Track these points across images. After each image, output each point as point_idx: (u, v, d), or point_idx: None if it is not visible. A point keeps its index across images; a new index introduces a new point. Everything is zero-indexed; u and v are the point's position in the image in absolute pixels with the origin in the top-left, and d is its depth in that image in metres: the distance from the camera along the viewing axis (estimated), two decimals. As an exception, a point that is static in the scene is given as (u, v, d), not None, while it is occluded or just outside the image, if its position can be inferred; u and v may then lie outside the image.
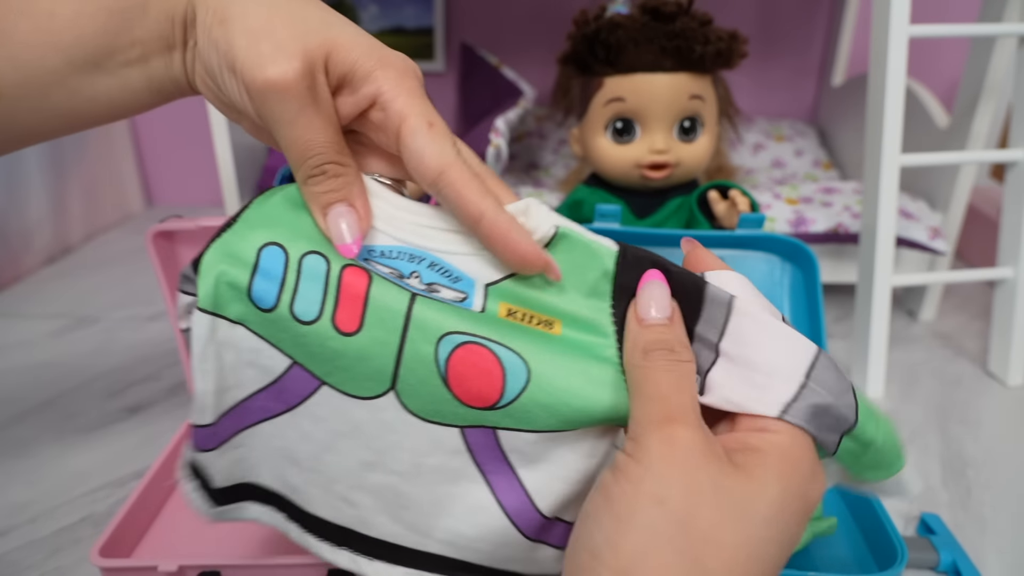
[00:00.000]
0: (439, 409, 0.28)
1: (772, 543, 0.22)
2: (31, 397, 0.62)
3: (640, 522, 0.21)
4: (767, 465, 0.23)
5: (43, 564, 0.44)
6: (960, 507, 0.50)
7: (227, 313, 0.29)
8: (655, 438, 0.23)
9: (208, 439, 0.32)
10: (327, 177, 0.28)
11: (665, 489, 0.22)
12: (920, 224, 0.72)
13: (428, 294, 0.28)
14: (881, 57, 0.58)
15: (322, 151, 0.28)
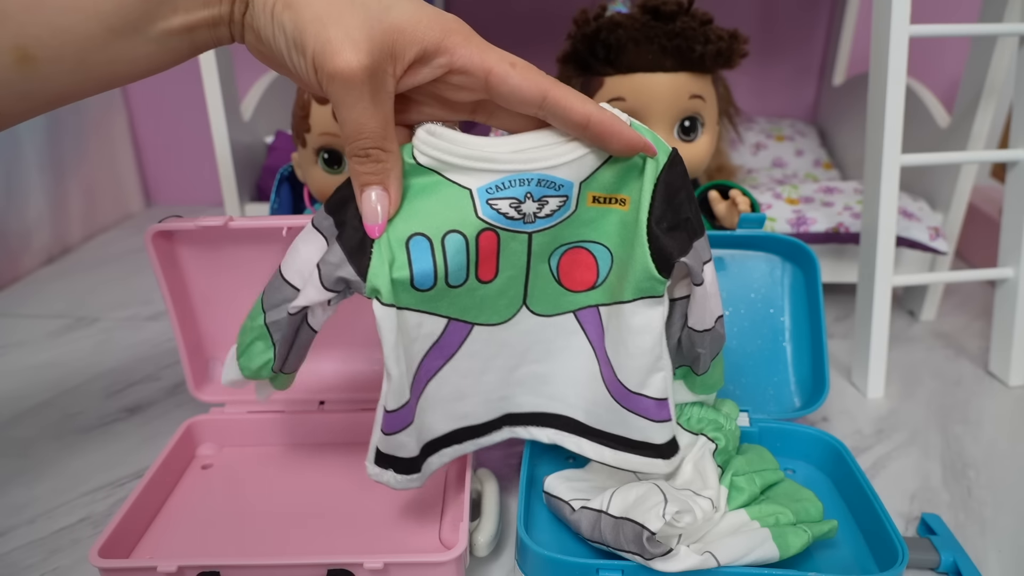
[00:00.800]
0: (557, 302, 0.39)
1: None
2: (30, 397, 0.62)
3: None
4: None
5: (42, 564, 0.44)
6: (961, 507, 0.50)
7: (400, 302, 0.36)
8: None
9: (407, 415, 0.38)
10: (370, 160, 0.32)
11: None
12: (921, 224, 0.71)
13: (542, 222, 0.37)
14: (882, 56, 0.58)
15: (371, 136, 0.32)
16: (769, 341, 0.57)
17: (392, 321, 0.35)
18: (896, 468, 0.54)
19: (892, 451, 0.56)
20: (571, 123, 0.33)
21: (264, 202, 0.82)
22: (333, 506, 0.46)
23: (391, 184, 0.33)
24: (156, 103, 1.15)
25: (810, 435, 0.51)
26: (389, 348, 0.36)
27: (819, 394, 0.54)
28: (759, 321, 0.58)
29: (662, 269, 0.36)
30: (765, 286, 0.58)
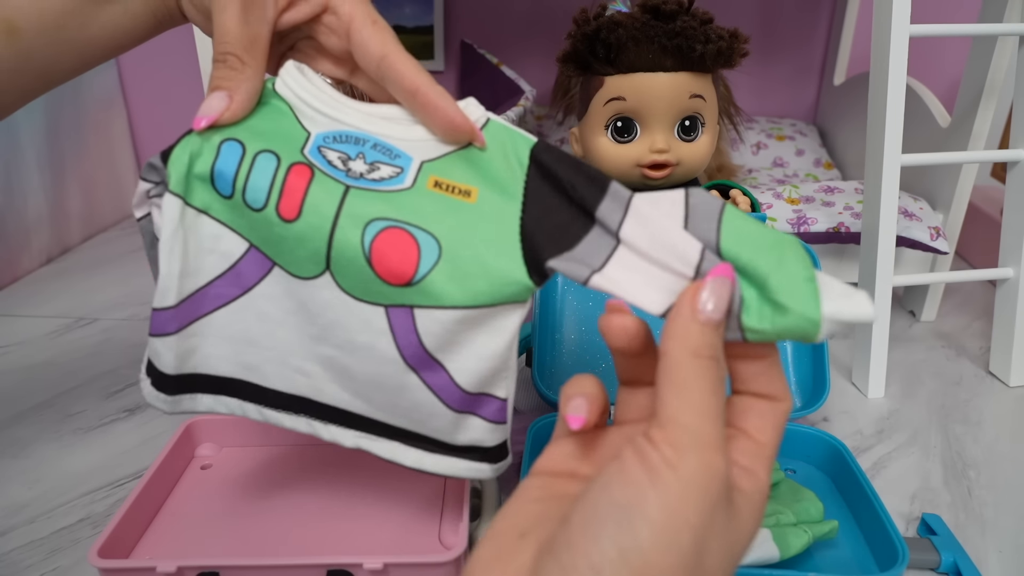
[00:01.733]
0: (367, 288, 0.33)
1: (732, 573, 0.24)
2: (29, 397, 0.62)
3: (674, 543, 0.21)
4: (751, 510, 0.24)
5: (42, 565, 0.44)
6: (961, 508, 0.49)
7: (193, 200, 0.33)
8: (699, 462, 0.22)
9: (168, 323, 0.34)
10: (225, 67, 0.32)
11: (698, 519, 0.22)
12: (921, 224, 0.71)
13: (366, 182, 0.33)
14: (882, 56, 0.58)
15: (231, 42, 0.32)
16: (769, 341, 0.57)
17: (175, 211, 0.33)
18: (896, 468, 0.54)
19: (892, 451, 0.56)
20: (401, 89, 0.33)
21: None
22: (333, 506, 0.45)
23: (237, 91, 0.32)
24: (155, 103, 1.15)
25: (811, 435, 0.51)
26: (166, 238, 0.33)
27: (820, 394, 0.54)
28: (759, 321, 0.58)
29: (534, 273, 0.31)
30: (765, 286, 0.58)
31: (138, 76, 1.12)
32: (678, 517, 0.21)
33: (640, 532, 0.21)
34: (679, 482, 0.22)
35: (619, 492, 0.22)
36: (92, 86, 1.04)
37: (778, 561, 0.39)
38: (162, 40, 0.41)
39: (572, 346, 0.57)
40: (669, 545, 0.21)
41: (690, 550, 0.21)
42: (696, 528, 0.21)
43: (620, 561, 0.21)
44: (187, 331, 0.35)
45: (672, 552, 0.21)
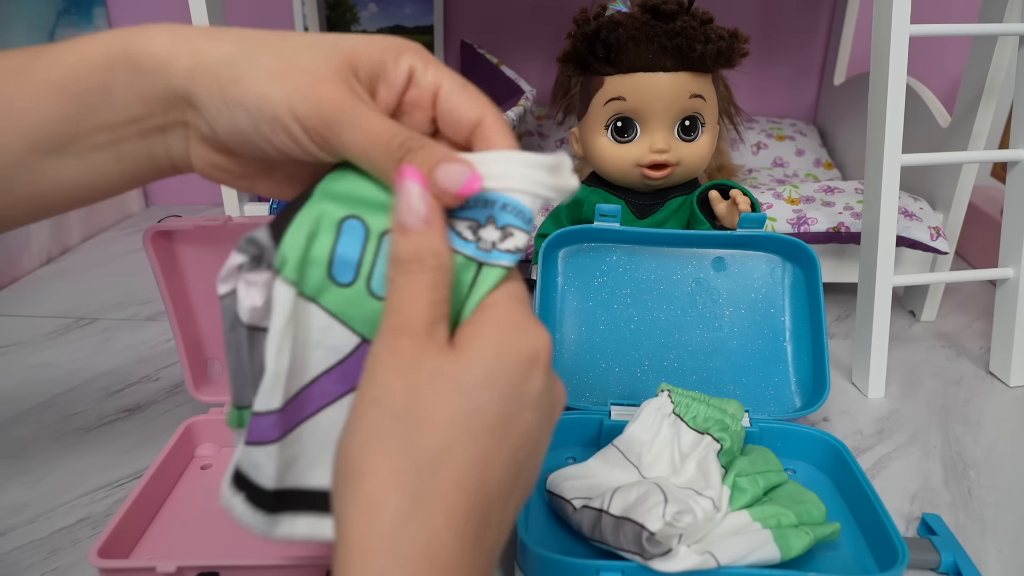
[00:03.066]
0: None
1: (491, 402, 0.24)
2: (29, 397, 0.62)
3: (361, 423, 0.23)
4: (481, 335, 0.25)
5: (42, 565, 0.44)
6: (961, 508, 0.49)
7: (305, 288, 0.28)
8: (382, 348, 0.25)
9: (271, 429, 0.29)
10: (415, 151, 0.28)
11: (383, 391, 0.24)
12: (921, 224, 0.71)
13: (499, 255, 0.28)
14: (882, 56, 0.58)
15: (395, 130, 0.28)
16: (769, 341, 0.57)
17: (288, 302, 0.28)
18: (897, 468, 0.54)
19: (893, 451, 0.56)
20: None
21: (264, 202, 0.82)
22: (333, 506, 0.45)
23: (455, 154, 0.28)
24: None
25: (811, 435, 0.51)
26: (275, 333, 0.28)
27: (820, 394, 0.54)
28: (759, 321, 0.58)
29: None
30: (766, 286, 0.58)
31: (138, 76, 1.12)
32: (362, 401, 0.24)
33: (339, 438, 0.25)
34: (365, 375, 0.25)
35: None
36: (92, 86, 1.04)
37: (779, 562, 0.39)
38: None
39: (572, 346, 0.57)
40: (356, 428, 0.24)
41: (379, 417, 0.24)
42: (380, 400, 0.24)
43: (337, 455, 0.25)
44: (290, 437, 0.30)
45: (360, 430, 0.24)
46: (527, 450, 0.25)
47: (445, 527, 0.22)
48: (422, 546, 0.21)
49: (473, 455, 0.23)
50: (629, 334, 0.57)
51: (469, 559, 0.22)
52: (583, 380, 0.56)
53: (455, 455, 0.23)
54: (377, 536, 0.21)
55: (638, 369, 0.57)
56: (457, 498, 0.22)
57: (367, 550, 0.21)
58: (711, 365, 0.57)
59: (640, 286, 0.58)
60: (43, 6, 0.94)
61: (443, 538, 0.22)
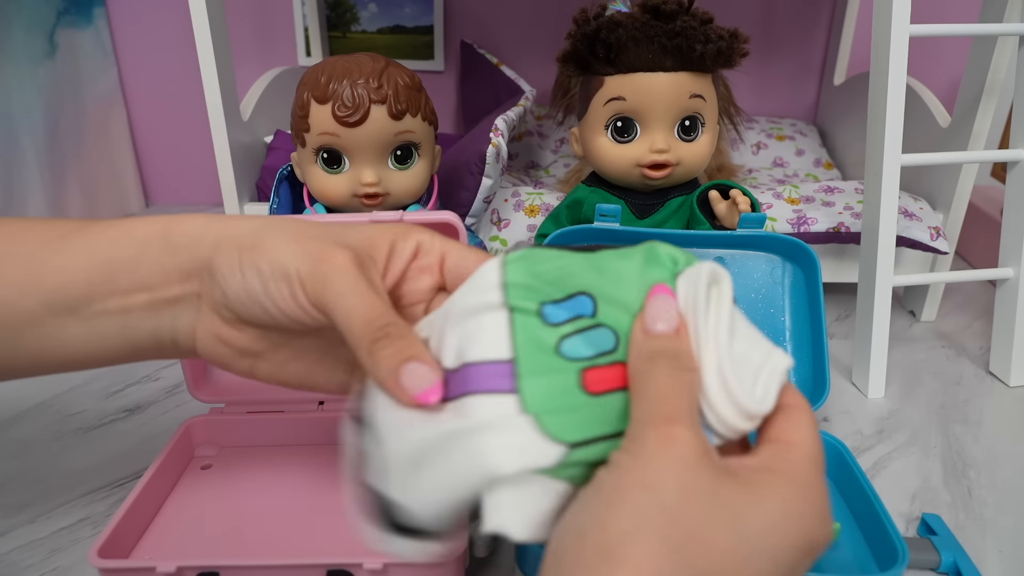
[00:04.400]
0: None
1: (764, 558, 0.21)
2: (29, 397, 0.62)
3: (629, 505, 0.21)
4: (771, 483, 0.23)
5: (42, 565, 0.44)
6: (961, 508, 0.49)
7: (511, 299, 0.28)
8: (653, 435, 0.22)
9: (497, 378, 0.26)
10: (392, 339, 0.27)
11: (657, 479, 0.21)
12: (921, 224, 0.71)
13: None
14: (882, 56, 0.58)
15: (383, 314, 0.28)
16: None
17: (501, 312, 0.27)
18: (896, 468, 0.54)
19: (892, 451, 0.56)
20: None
21: (264, 202, 0.82)
22: (333, 506, 0.45)
23: (423, 355, 0.27)
24: (155, 103, 1.14)
25: (810, 435, 0.51)
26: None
27: (819, 394, 0.54)
28: (759, 321, 0.58)
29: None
30: (765, 286, 0.58)
31: (138, 75, 1.12)
32: (631, 481, 0.21)
33: (593, 507, 0.22)
34: (633, 458, 0.22)
35: (582, 493, 0.23)
36: (92, 86, 1.04)
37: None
38: (161, 38, 0.40)
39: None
40: (627, 508, 0.21)
41: (655, 510, 0.21)
42: (655, 488, 0.21)
43: (578, 543, 0.21)
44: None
45: (631, 514, 0.21)
46: None
47: None
48: None
49: None
50: (629, 334, 0.57)
51: None
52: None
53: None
54: None
55: (638, 369, 0.57)
56: None
57: None
58: (711, 365, 0.57)
59: (640, 286, 0.58)
60: (43, 6, 0.94)
61: None
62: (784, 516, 0.22)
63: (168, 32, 1.08)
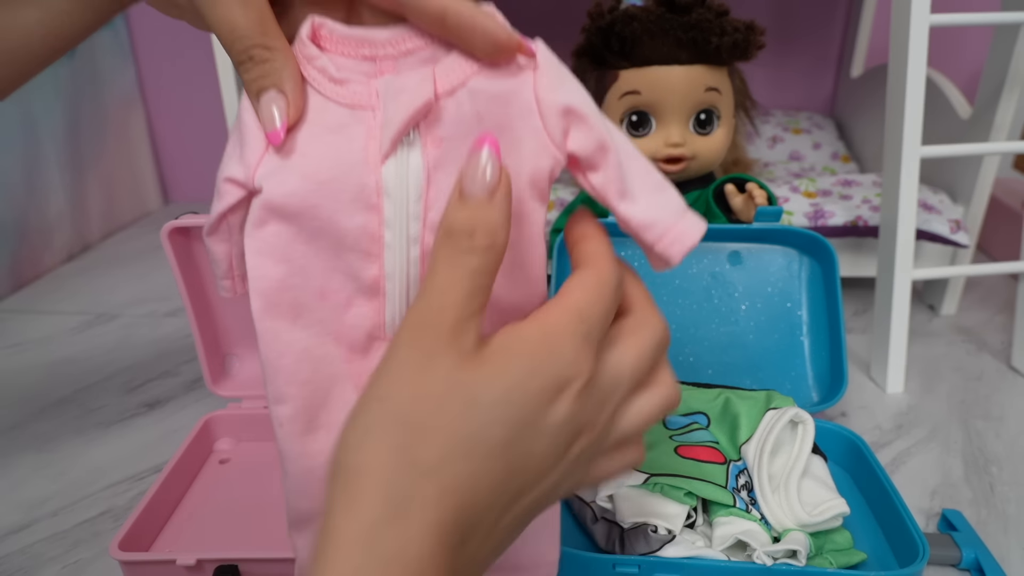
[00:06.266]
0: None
1: (497, 424, 0.23)
2: (52, 392, 0.63)
3: (362, 417, 0.23)
4: (512, 351, 0.24)
5: (64, 557, 0.44)
6: (983, 503, 0.49)
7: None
8: (403, 338, 0.24)
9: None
10: (255, 63, 0.27)
11: (391, 389, 0.23)
12: (941, 217, 0.70)
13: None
14: (901, 47, 0.57)
15: (246, 34, 0.27)
16: (786, 335, 0.57)
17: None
18: (916, 464, 0.53)
19: (912, 446, 0.55)
20: (426, 15, 0.27)
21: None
22: (349, 500, 0.46)
23: (284, 82, 0.27)
24: (173, 101, 1.15)
25: (829, 430, 0.50)
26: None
27: (837, 389, 0.54)
28: (776, 315, 0.57)
29: None
30: (782, 280, 0.58)
31: (156, 74, 1.13)
32: (367, 396, 0.23)
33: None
34: (378, 369, 0.24)
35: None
36: (111, 84, 1.05)
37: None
38: (179, 38, 0.40)
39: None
40: (355, 423, 0.23)
41: (379, 415, 0.23)
42: (385, 398, 0.23)
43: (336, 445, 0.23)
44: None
45: (357, 426, 0.23)
46: (530, 476, 0.24)
47: (421, 536, 0.22)
48: (395, 551, 0.21)
49: (464, 473, 0.23)
50: (644, 329, 0.57)
51: (446, 568, 0.22)
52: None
53: (445, 471, 0.22)
54: (354, 533, 0.22)
55: (654, 364, 0.56)
56: (439, 512, 0.22)
57: (343, 545, 0.22)
58: (727, 360, 0.56)
59: (655, 281, 0.58)
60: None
61: (417, 547, 0.22)
62: (521, 377, 0.23)
63: (186, 32, 1.09)
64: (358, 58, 0.28)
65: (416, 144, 0.27)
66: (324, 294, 0.28)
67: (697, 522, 0.40)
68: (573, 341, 0.24)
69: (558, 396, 0.24)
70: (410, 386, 0.23)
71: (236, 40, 0.28)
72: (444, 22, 0.26)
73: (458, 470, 0.22)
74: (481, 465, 0.23)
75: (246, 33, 0.27)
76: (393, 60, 0.27)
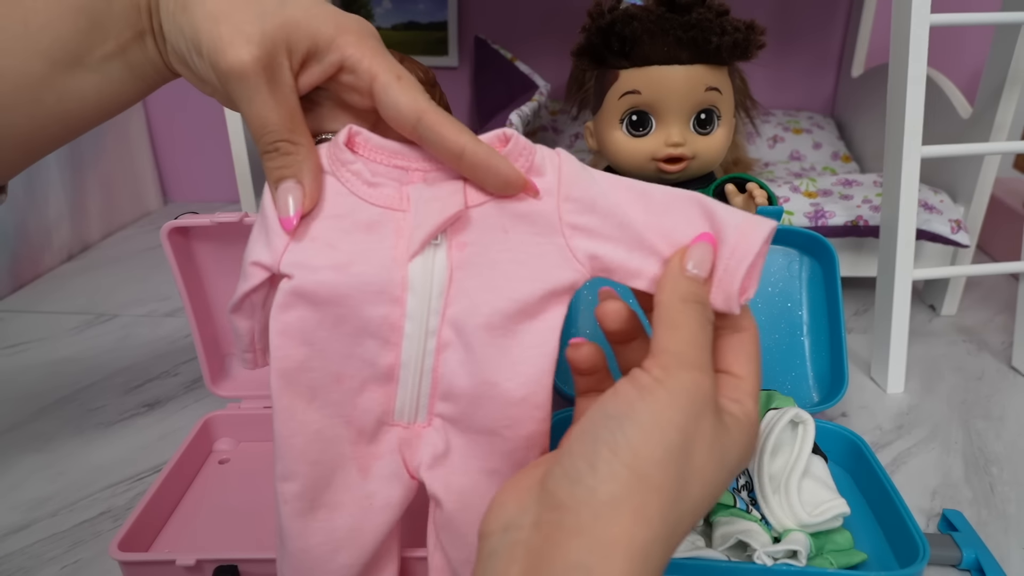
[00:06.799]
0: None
1: (725, 486, 0.27)
2: (51, 392, 0.62)
3: (662, 440, 0.25)
4: (740, 432, 0.27)
5: (64, 557, 0.44)
6: (983, 504, 0.49)
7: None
8: (686, 377, 0.26)
9: None
10: (279, 154, 0.30)
11: (684, 420, 0.25)
12: (942, 216, 0.70)
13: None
14: (902, 47, 0.57)
15: (275, 129, 0.30)
16: (787, 335, 0.57)
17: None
18: (917, 464, 0.53)
19: (913, 447, 0.55)
20: (445, 151, 0.30)
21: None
22: (349, 501, 0.46)
23: (304, 175, 0.30)
24: (173, 101, 1.15)
25: (829, 430, 0.50)
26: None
27: (838, 389, 0.54)
28: (776, 315, 0.57)
29: None
30: (783, 280, 0.58)
31: (155, 75, 1.13)
32: (664, 418, 0.25)
33: (628, 432, 0.24)
34: (667, 392, 0.25)
35: (611, 406, 0.26)
36: (110, 85, 1.05)
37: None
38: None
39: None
40: (657, 441, 0.24)
41: (677, 447, 0.24)
42: (682, 428, 0.25)
43: (611, 457, 0.24)
44: None
45: (659, 447, 0.24)
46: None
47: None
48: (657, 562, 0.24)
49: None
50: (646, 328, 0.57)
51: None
52: (598, 375, 0.56)
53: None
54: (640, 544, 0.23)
55: (654, 364, 0.56)
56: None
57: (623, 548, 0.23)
58: (727, 360, 0.56)
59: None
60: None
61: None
62: (743, 456, 0.27)
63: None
64: (390, 166, 0.31)
65: (443, 246, 0.30)
66: (340, 378, 0.30)
67: (697, 522, 0.40)
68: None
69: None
70: (693, 423, 0.26)
71: (266, 133, 0.30)
72: (461, 160, 0.30)
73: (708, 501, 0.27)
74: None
75: (275, 128, 0.30)
76: (423, 172, 0.31)
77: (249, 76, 0.29)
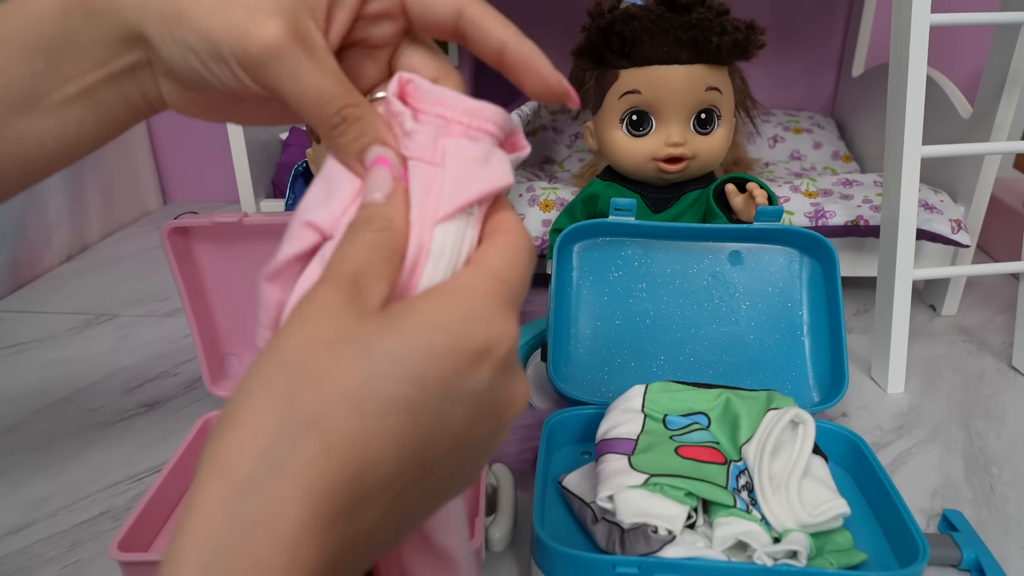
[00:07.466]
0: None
1: (402, 382, 0.21)
2: (51, 393, 0.62)
3: (253, 369, 0.21)
4: (423, 309, 0.22)
5: (63, 557, 0.44)
6: (983, 504, 0.49)
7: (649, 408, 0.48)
8: (304, 298, 0.23)
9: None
10: (350, 123, 0.27)
11: (284, 339, 0.21)
12: (942, 216, 0.70)
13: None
14: (902, 47, 0.57)
15: (335, 96, 0.27)
16: (787, 335, 0.57)
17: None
18: (917, 464, 0.53)
19: (913, 447, 0.55)
20: (486, 47, 0.28)
21: (279, 198, 0.82)
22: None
23: (385, 135, 0.27)
24: (173, 101, 1.15)
25: (829, 431, 0.50)
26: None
27: (838, 389, 0.53)
28: (777, 315, 0.57)
29: None
30: (783, 280, 0.58)
31: (155, 74, 1.13)
32: (266, 348, 0.22)
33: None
34: (280, 329, 0.23)
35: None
36: (110, 85, 1.05)
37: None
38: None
39: (587, 340, 0.57)
40: (248, 374, 0.21)
41: (270, 366, 0.21)
42: (279, 348, 0.21)
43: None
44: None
45: (249, 376, 0.21)
46: (442, 448, 0.22)
47: (298, 499, 0.19)
48: (265, 516, 0.19)
49: (353, 430, 0.20)
50: (645, 329, 0.57)
51: (324, 540, 0.20)
52: (598, 375, 0.56)
53: (331, 426, 0.20)
54: (221, 495, 0.19)
55: (654, 364, 0.56)
56: (319, 472, 0.20)
57: (207, 509, 0.19)
58: (728, 360, 0.56)
59: (656, 280, 0.58)
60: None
61: (291, 512, 0.19)
62: (434, 333, 0.22)
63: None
64: (431, 114, 0.28)
65: (475, 215, 0.27)
66: None
67: (697, 523, 0.40)
68: (493, 304, 0.23)
69: (480, 361, 0.22)
70: (301, 336, 0.21)
71: (327, 104, 0.27)
72: (502, 55, 0.28)
73: (346, 426, 0.20)
74: (376, 423, 0.21)
75: (335, 94, 0.27)
76: (464, 128, 0.27)
77: (285, 50, 0.26)
